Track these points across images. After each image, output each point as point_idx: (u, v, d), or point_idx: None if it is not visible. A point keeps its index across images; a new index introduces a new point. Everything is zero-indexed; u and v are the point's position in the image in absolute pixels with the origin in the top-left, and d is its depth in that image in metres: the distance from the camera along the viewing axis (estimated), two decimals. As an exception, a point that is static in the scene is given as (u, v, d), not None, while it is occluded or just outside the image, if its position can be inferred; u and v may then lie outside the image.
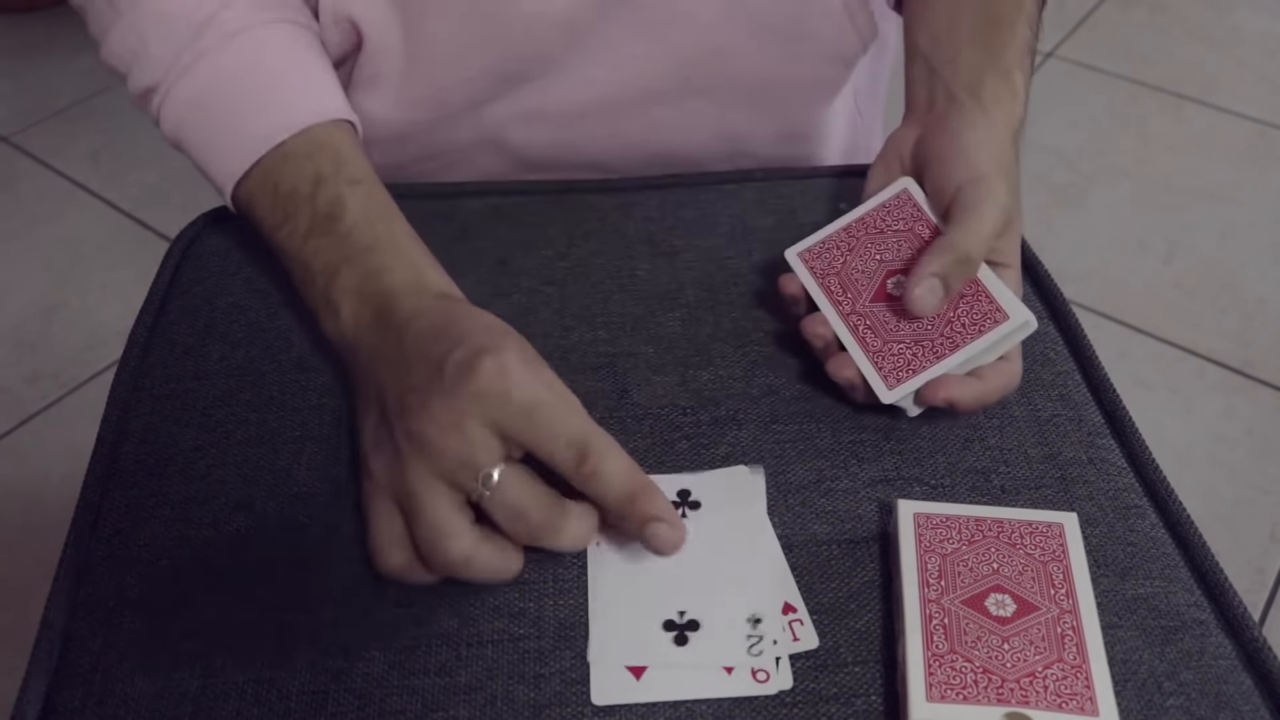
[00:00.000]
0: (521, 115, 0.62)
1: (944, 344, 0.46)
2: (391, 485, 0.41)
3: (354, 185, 0.49)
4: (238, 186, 0.51)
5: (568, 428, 0.41)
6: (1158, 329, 1.38)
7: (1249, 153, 1.67)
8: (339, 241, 0.48)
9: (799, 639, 0.41)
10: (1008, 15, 0.53)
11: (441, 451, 0.40)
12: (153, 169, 1.64)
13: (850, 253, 0.51)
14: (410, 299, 0.46)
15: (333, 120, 0.51)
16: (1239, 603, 0.43)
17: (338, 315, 0.47)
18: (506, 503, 0.40)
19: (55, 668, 0.41)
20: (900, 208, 0.51)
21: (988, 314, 0.46)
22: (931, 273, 0.46)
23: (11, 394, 1.31)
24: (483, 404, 0.40)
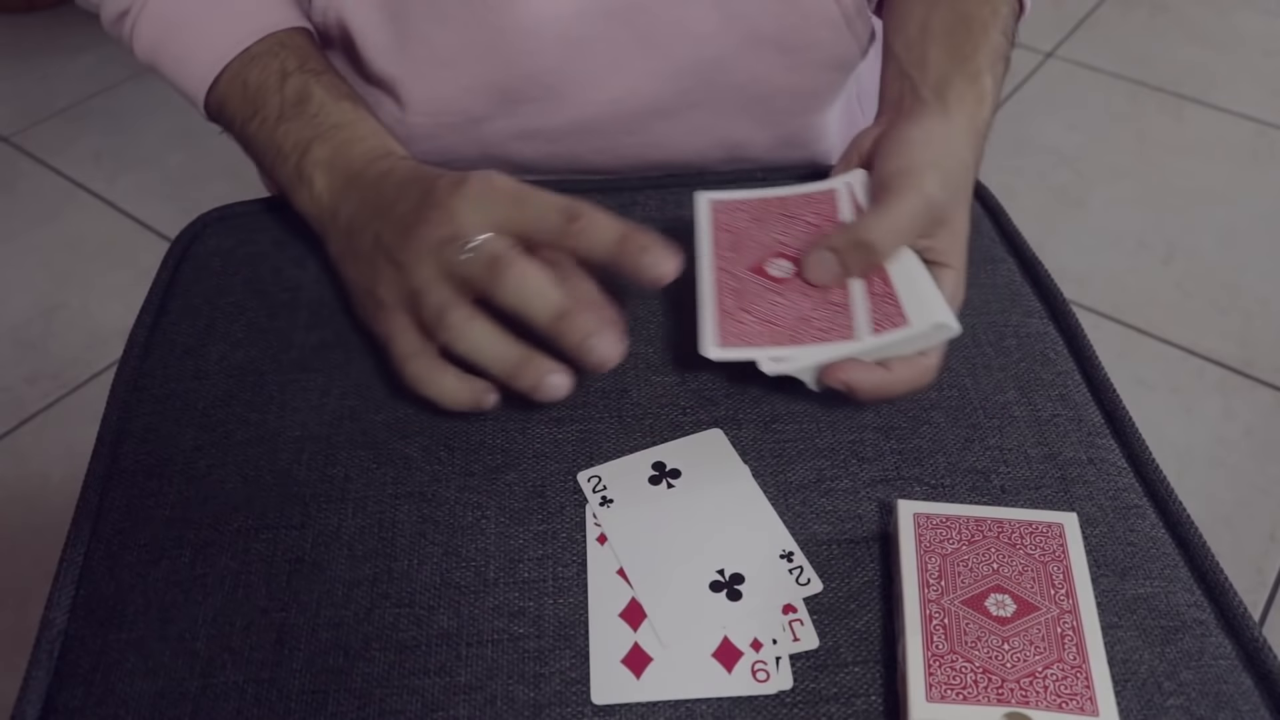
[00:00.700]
0: (522, 134, 0.62)
1: (783, 334, 0.46)
2: (400, 297, 0.46)
3: (317, 75, 0.55)
4: (210, 93, 0.56)
5: (557, 199, 0.45)
6: (1158, 329, 1.38)
7: (1249, 153, 1.67)
8: (308, 122, 0.53)
9: (799, 639, 0.41)
10: (981, 19, 0.53)
11: (435, 239, 0.44)
12: (153, 169, 1.64)
13: (754, 222, 0.51)
14: (381, 161, 0.51)
15: (291, 27, 0.57)
16: (1239, 603, 0.43)
17: (312, 186, 0.52)
18: (482, 254, 0.43)
19: (55, 668, 0.41)
20: (821, 202, 0.51)
21: (888, 315, 0.46)
22: (827, 246, 0.47)
23: (11, 394, 1.31)
24: (471, 202, 0.44)
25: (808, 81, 0.63)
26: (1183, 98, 1.78)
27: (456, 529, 0.45)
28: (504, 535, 0.44)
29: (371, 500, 0.46)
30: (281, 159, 0.53)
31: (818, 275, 0.47)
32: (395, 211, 0.47)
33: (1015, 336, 0.54)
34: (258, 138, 0.54)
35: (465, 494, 0.46)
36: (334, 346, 0.53)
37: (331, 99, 0.54)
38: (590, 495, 0.46)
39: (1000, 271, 0.58)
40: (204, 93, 0.56)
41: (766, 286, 0.48)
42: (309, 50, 0.56)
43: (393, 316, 0.47)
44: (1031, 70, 1.84)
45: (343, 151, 0.51)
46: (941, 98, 0.51)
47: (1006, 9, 0.55)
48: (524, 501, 0.46)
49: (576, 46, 0.57)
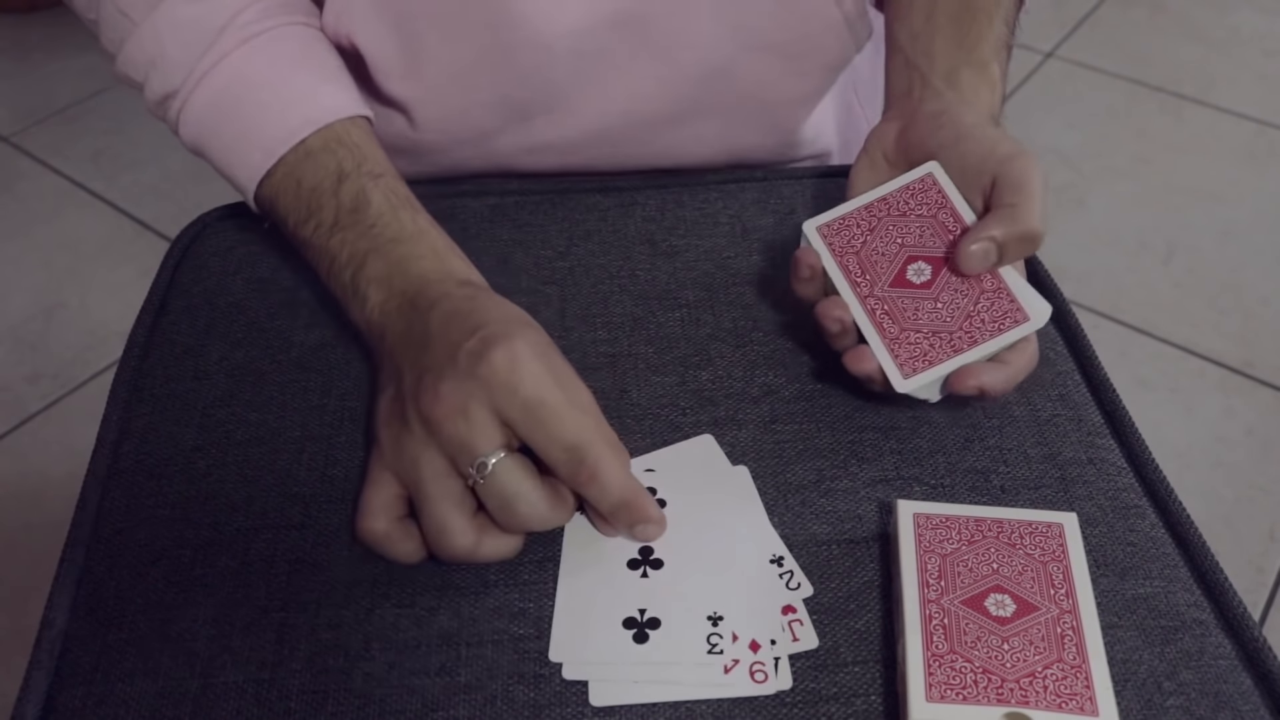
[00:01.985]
0: (532, 148, 0.62)
1: (962, 337, 0.45)
2: (397, 461, 0.43)
3: (375, 179, 0.51)
4: (260, 186, 0.52)
5: (567, 432, 0.41)
6: (1158, 329, 1.38)
7: (1249, 153, 1.67)
8: (364, 232, 0.49)
9: (799, 639, 0.41)
10: (985, 9, 0.53)
11: (445, 433, 0.41)
12: (153, 169, 1.64)
13: (870, 233, 0.49)
14: (435, 286, 0.47)
15: (349, 117, 0.52)
16: (1239, 603, 0.43)
17: (365, 302, 0.48)
18: (497, 492, 0.41)
19: (55, 668, 0.41)
20: (924, 191, 0.49)
21: (1008, 313, 0.45)
22: (990, 235, 0.45)
23: (11, 394, 1.31)
24: (489, 392, 0.41)
25: (809, 84, 0.63)
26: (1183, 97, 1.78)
27: (456, 529, 0.45)
28: (504, 535, 0.44)
29: (371, 500, 0.46)
30: (336, 270, 0.49)
31: (976, 266, 0.45)
32: (423, 361, 0.44)
33: (1015, 336, 0.54)
34: (312, 242, 0.50)
35: (465, 494, 0.46)
36: (334, 346, 0.53)
37: (389, 208, 0.50)
38: None
39: (1000, 271, 0.58)
40: (255, 184, 0.52)
41: (916, 296, 0.47)
42: (368, 148, 0.52)
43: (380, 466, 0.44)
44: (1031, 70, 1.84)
45: (399, 270, 0.48)
46: (955, 86, 0.50)
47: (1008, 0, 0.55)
48: (524, 501, 0.46)
49: (585, 59, 0.57)
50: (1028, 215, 0.45)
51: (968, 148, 0.48)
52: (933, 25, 0.53)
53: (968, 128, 0.49)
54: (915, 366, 0.45)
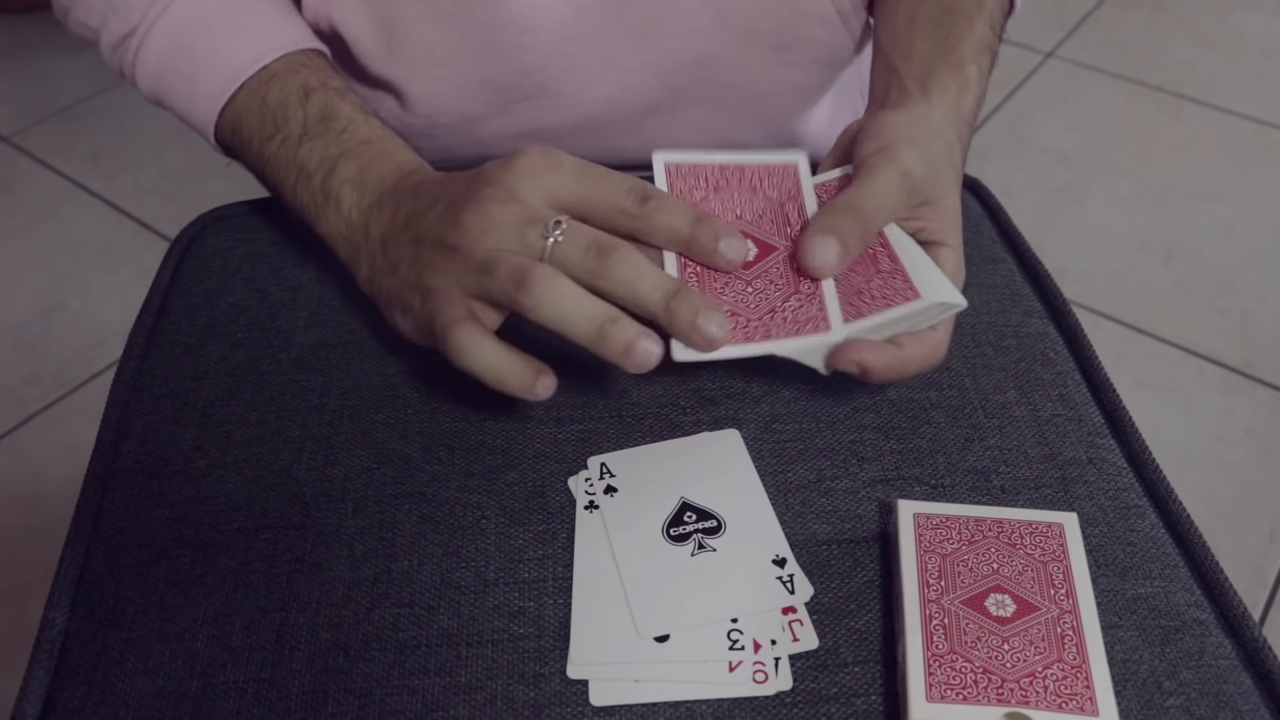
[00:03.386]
0: (519, 134, 0.62)
1: (757, 328, 0.43)
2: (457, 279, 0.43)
3: (341, 93, 0.53)
4: (223, 113, 0.54)
5: (625, 178, 0.43)
6: (1158, 329, 1.38)
7: (1249, 153, 1.67)
8: (334, 139, 0.50)
9: (799, 639, 0.41)
10: (966, 11, 0.53)
11: (504, 221, 0.42)
12: (153, 169, 1.64)
13: (714, 191, 0.47)
14: (412, 175, 0.49)
15: (309, 48, 0.55)
16: (1239, 603, 0.43)
17: (339, 205, 0.49)
18: (580, 236, 0.41)
19: (55, 668, 0.41)
20: (783, 177, 0.48)
21: (898, 290, 0.44)
22: (823, 227, 0.43)
23: (11, 394, 1.31)
24: (535, 178, 0.42)
25: (802, 78, 0.62)
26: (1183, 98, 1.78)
27: (456, 529, 0.45)
28: (504, 535, 0.44)
29: (371, 500, 0.46)
30: (305, 178, 0.50)
31: (826, 264, 0.43)
32: (438, 207, 0.45)
33: (1015, 336, 0.54)
34: (278, 157, 0.51)
35: (465, 494, 0.46)
36: (334, 346, 0.53)
37: (359, 115, 0.52)
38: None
39: (1000, 271, 0.58)
40: (217, 111, 0.53)
41: (733, 274, 0.45)
42: (329, 70, 0.55)
43: (444, 294, 0.43)
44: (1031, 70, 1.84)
45: (373, 167, 0.49)
46: (924, 87, 0.50)
47: (993, 2, 0.55)
48: (524, 502, 0.46)
49: (570, 42, 0.57)
50: (851, 195, 0.44)
51: (862, 144, 0.47)
52: (914, 27, 0.53)
53: (881, 126, 0.47)
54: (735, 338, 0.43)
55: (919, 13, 0.54)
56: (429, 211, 0.45)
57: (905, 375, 0.45)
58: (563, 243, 0.41)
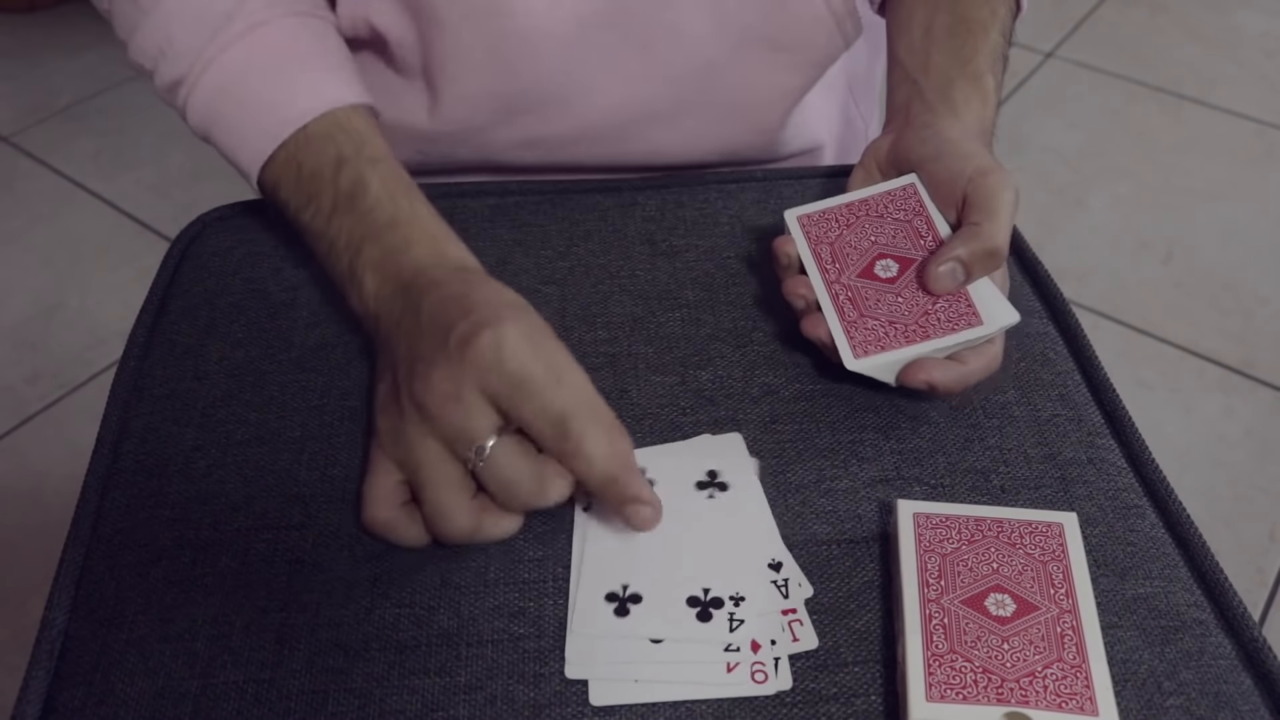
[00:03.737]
0: (522, 143, 0.62)
1: (916, 330, 0.47)
2: (395, 449, 0.43)
3: (374, 164, 0.51)
4: (263, 171, 0.53)
5: (552, 404, 0.41)
6: (1158, 329, 1.38)
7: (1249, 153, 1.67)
8: (361, 218, 0.49)
9: (799, 639, 0.41)
10: (980, 21, 0.54)
11: (441, 420, 0.41)
12: (153, 169, 1.64)
13: (847, 228, 0.52)
14: (430, 272, 0.47)
15: (351, 105, 0.53)
16: (1239, 603, 0.43)
17: (361, 288, 0.48)
18: (496, 475, 0.42)
19: (55, 668, 0.41)
20: (905, 198, 0.52)
21: (963, 315, 0.47)
22: (956, 256, 0.47)
23: (11, 394, 1.31)
24: (478, 374, 0.41)
25: (796, 80, 0.63)
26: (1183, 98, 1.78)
27: (456, 529, 0.45)
28: (504, 535, 0.44)
29: (371, 500, 0.46)
30: (335, 256, 0.50)
31: (946, 286, 0.47)
32: (416, 349, 0.44)
33: (1015, 336, 0.54)
34: (311, 227, 0.51)
35: (465, 494, 0.46)
36: (334, 346, 0.53)
37: (386, 194, 0.50)
38: None
39: (1000, 271, 0.58)
40: (257, 169, 0.53)
41: (880, 289, 0.49)
42: (367, 134, 0.53)
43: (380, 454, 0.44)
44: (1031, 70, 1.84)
45: (393, 255, 0.48)
46: (948, 101, 0.52)
47: (1004, 9, 0.56)
48: (524, 501, 0.46)
49: (574, 54, 0.57)
50: (990, 233, 0.47)
51: (946, 163, 0.50)
52: (930, 39, 0.54)
53: (949, 143, 0.50)
54: (867, 349, 0.47)
55: (934, 23, 0.55)
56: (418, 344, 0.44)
57: (969, 387, 0.48)
58: (483, 471, 0.42)
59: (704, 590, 0.42)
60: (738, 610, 0.41)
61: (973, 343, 0.47)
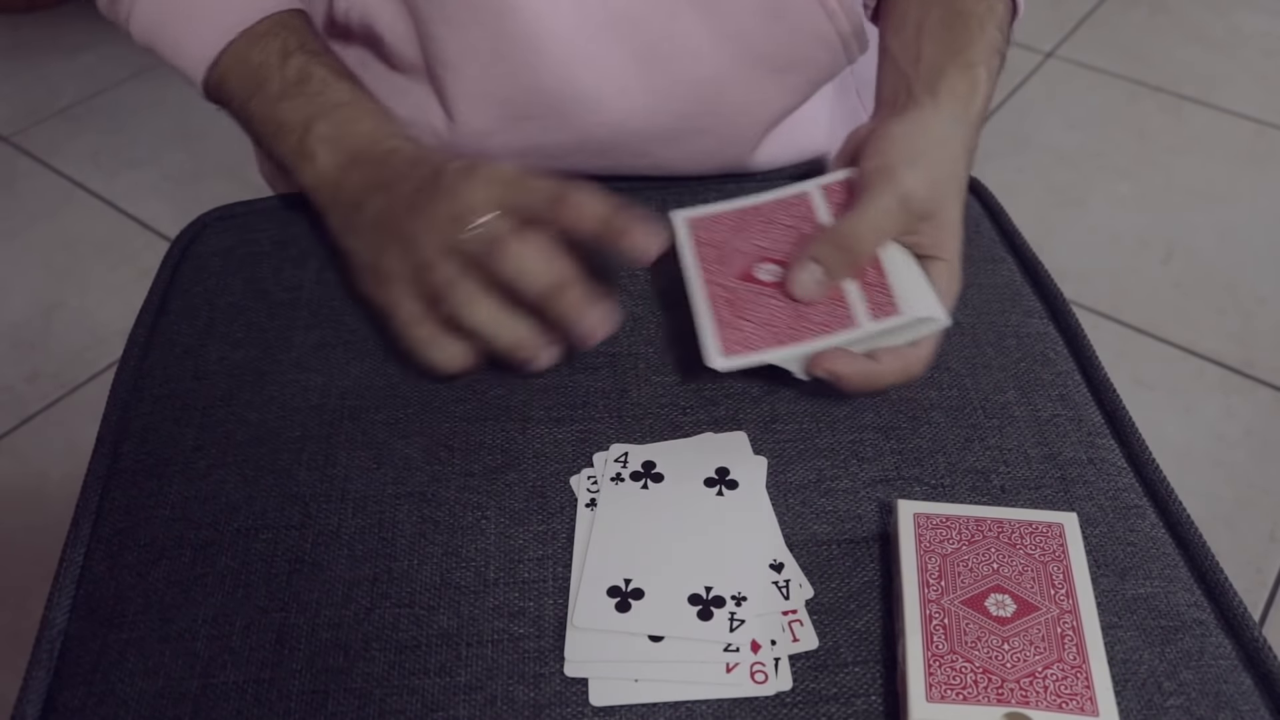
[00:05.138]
0: (524, 150, 0.62)
1: (790, 334, 0.47)
2: (406, 269, 0.48)
3: (317, 55, 0.56)
4: (210, 70, 0.57)
5: (551, 184, 0.46)
6: (1158, 329, 1.38)
7: (1249, 153, 1.67)
8: (310, 99, 0.54)
9: (799, 639, 0.41)
10: (976, 15, 0.54)
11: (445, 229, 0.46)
12: (153, 169, 1.64)
13: (735, 233, 0.51)
14: (386, 140, 0.53)
15: (289, 8, 0.58)
16: (1239, 603, 0.43)
17: (314, 161, 0.53)
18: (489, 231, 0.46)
19: (55, 668, 0.41)
20: (796, 205, 0.51)
21: (879, 305, 0.46)
22: (810, 255, 0.47)
23: (12, 394, 1.31)
24: (481, 186, 0.46)
25: (796, 99, 0.63)
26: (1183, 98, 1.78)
27: (456, 529, 0.45)
28: (504, 535, 0.44)
29: (371, 500, 0.46)
30: (284, 135, 0.54)
31: (805, 290, 0.47)
32: (402, 189, 0.49)
33: (1015, 336, 0.54)
34: (258, 113, 0.55)
35: (465, 494, 0.46)
36: (334, 346, 0.53)
37: (333, 77, 0.55)
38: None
39: (1000, 271, 0.58)
40: (204, 70, 0.57)
41: (758, 291, 0.48)
42: (307, 31, 0.58)
43: (397, 287, 0.49)
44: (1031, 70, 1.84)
45: (347, 129, 0.53)
46: (933, 90, 0.51)
47: (1001, 6, 0.56)
48: (524, 502, 0.46)
49: (578, 59, 0.57)
50: (844, 225, 0.47)
51: (865, 159, 0.49)
52: (922, 32, 0.54)
53: (886, 140, 0.49)
54: (733, 350, 0.47)
55: (928, 18, 0.54)
56: (394, 189, 0.49)
57: (879, 388, 0.48)
58: (473, 237, 0.46)
59: (706, 589, 0.42)
60: (739, 610, 0.41)
61: (898, 333, 0.46)
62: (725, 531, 0.44)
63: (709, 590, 0.42)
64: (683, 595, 0.42)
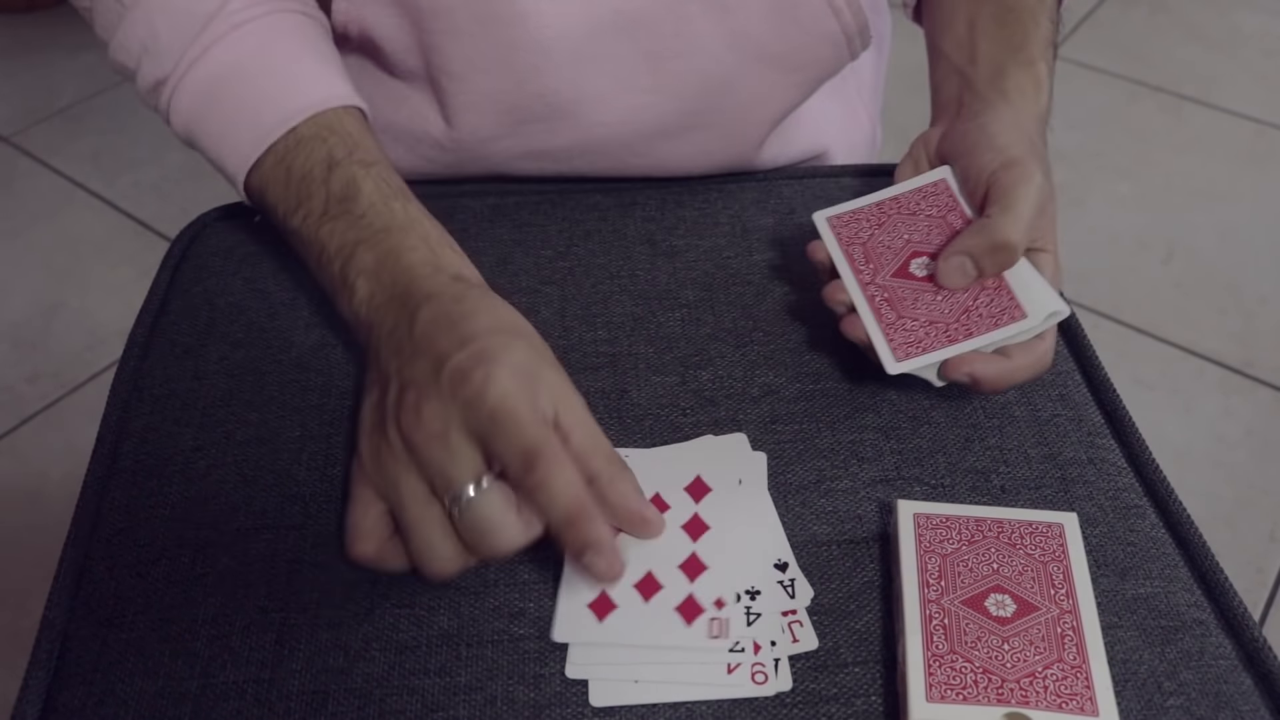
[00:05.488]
0: (527, 154, 0.62)
1: (958, 329, 0.46)
2: (379, 478, 0.42)
3: (367, 167, 0.49)
4: (250, 175, 0.51)
5: (525, 438, 0.39)
6: (1158, 329, 1.38)
7: (1249, 153, 1.67)
8: (354, 222, 0.48)
9: (799, 640, 0.41)
10: (1029, 8, 0.54)
11: (425, 458, 0.40)
12: (153, 169, 1.64)
13: (879, 228, 0.51)
14: (425, 281, 0.45)
15: (342, 105, 0.51)
16: (1239, 603, 0.43)
17: (354, 295, 0.47)
18: (472, 525, 0.40)
19: (55, 668, 0.41)
20: (936, 194, 0.51)
21: (1005, 309, 0.46)
22: (963, 250, 0.47)
23: (11, 394, 1.31)
24: (466, 413, 0.40)
25: (800, 97, 0.62)
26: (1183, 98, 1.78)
27: (456, 529, 0.45)
28: (504, 535, 0.44)
29: (371, 500, 0.46)
30: (325, 261, 0.48)
31: (955, 281, 0.47)
32: (408, 372, 0.42)
33: (1015, 336, 0.54)
34: (300, 232, 0.49)
35: (465, 494, 0.46)
36: (334, 346, 0.53)
37: (380, 198, 0.48)
38: None
39: (1000, 271, 0.58)
40: (244, 173, 0.51)
41: (916, 288, 0.48)
42: (359, 136, 0.51)
43: (362, 483, 0.43)
44: (1031, 70, 1.84)
45: (387, 261, 0.46)
46: (1000, 89, 0.51)
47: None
48: (524, 501, 0.46)
49: (584, 65, 0.57)
50: (999, 226, 0.46)
51: (978, 156, 0.49)
52: (976, 30, 0.54)
53: (986, 136, 0.50)
54: (909, 352, 0.46)
55: (980, 14, 0.54)
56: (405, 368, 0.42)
57: (1015, 383, 0.47)
58: (459, 519, 0.40)
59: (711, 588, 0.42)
60: (754, 604, 0.41)
61: (1018, 337, 0.46)
62: (729, 530, 0.44)
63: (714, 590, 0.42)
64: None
